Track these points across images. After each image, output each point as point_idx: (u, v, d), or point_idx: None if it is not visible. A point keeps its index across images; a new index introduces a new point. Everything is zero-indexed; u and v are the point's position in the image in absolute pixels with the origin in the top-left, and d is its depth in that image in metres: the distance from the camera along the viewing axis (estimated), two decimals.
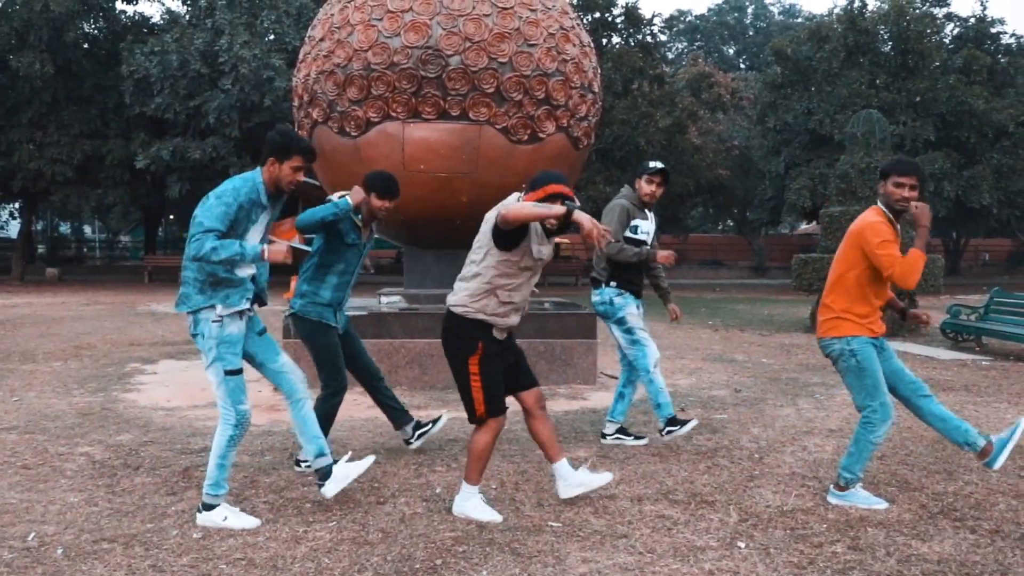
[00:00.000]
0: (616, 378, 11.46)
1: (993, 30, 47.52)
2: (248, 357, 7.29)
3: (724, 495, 7.50)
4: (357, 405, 11.25)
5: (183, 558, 5.94)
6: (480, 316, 6.84)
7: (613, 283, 9.32)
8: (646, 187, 9.16)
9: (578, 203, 6.56)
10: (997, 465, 7.12)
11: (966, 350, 18.23)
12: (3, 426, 10.05)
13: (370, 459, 7.40)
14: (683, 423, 9.06)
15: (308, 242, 8.72)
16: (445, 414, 9.27)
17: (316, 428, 7.34)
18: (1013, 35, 53.62)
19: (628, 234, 9.17)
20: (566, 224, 6.51)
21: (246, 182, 6.97)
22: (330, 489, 7.02)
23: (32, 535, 6.36)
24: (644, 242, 9.26)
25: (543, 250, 6.84)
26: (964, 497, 7.50)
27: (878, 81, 42.78)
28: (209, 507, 6.75)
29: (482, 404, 6.88)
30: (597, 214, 29.41)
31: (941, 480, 8.01)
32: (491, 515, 6.88)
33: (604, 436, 9.56)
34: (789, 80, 44.85)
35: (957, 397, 12.44)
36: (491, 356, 6.90)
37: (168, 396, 11.92)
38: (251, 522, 6.69)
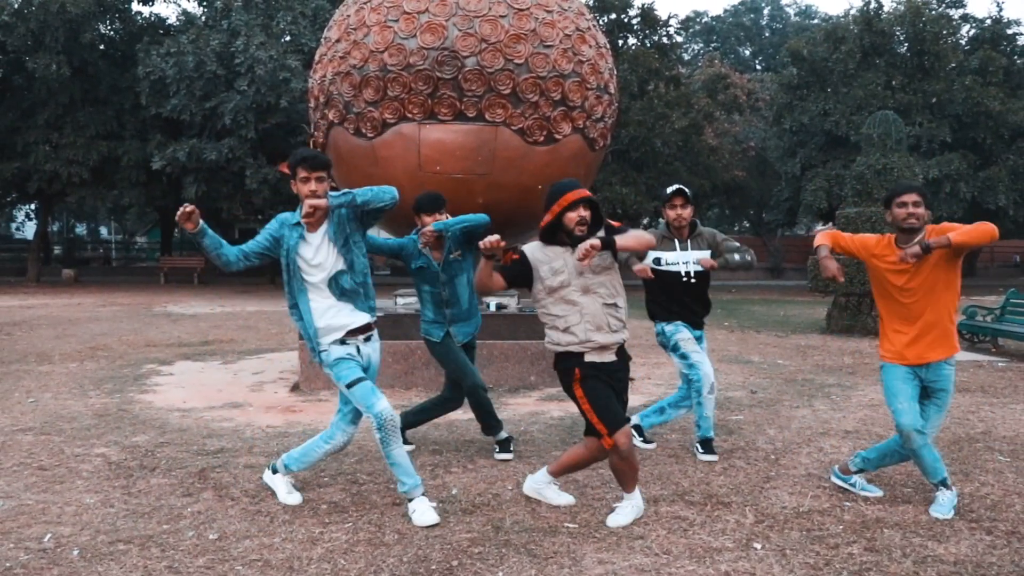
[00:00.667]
0: (632, 379, 11.51)
1: (1009, 31, 47.34)
2: None
3: (740, 496, 7.50)
4: None
5: (199, 559, 5.95)
6: (559, 349, 6.89)
7: (657, 319, 9.25)
8: (670, 213, 9.01)
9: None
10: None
11: (982, 351, 18.18)
12: (19, 427, 10.08)
13: None
14: (712, 451, 8.99)
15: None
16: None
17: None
18: None
19: (653, 265, 9.03)
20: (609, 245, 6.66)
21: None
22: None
23: (48, 536, 6.38)
24: (677, 273, 9.05)
25: (555, 265, 6.81)
26: (980, 498, 7.48)
27: (894, 82, 42.72)
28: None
29: (599, 423, 6.73)
30: (613, 216, 29.26)
31: (957, 481, 7.98)
32: (566, 499, 7.25)
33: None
34: (805, 81, 44.78)
35: (973, 398, 12.41)
36: (589, 377, 6.81)
37: (184, 397, 11.94)
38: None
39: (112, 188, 42.48)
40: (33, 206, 61.65)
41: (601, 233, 6.70)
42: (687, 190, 9.01)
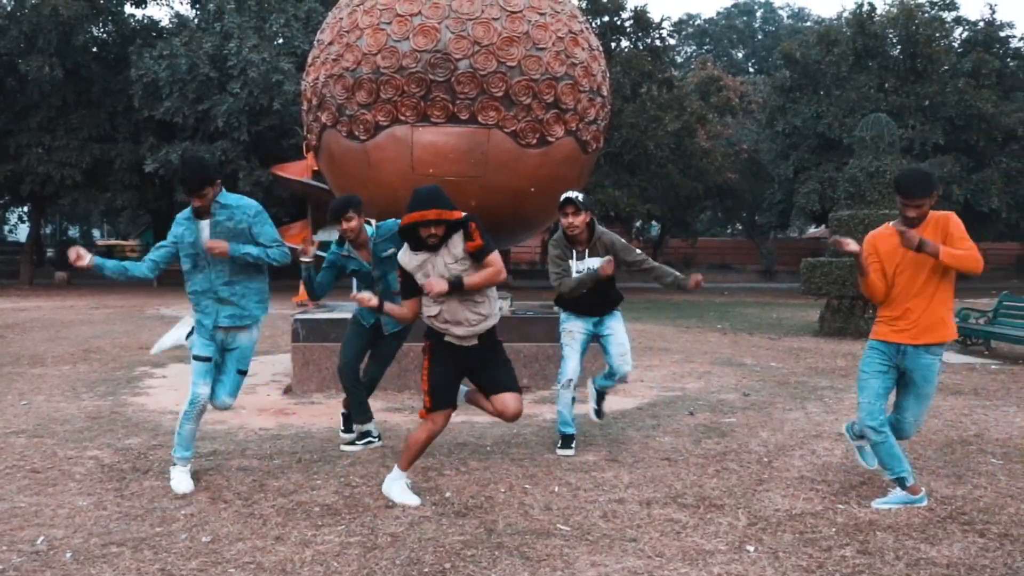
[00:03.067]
0: (624, 381, 11.62)
1: (1002, 34, 47.44)
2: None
3: (733, 499, 7.50)
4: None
5: (192, 562, 5.95)
6: (426, 321, 7.48)
7: (559, 308, 9.72)
8: (563, 221, 9.20)
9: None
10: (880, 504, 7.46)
11: (975, 354, 18.21)
12: (12, 430, 10.07)
13: None
14: (568, 446, 9.29)
15: (324, 247, 9.31)
16: (378, 441, 9.49)
17: None
18: (1022, 39, 53.55)
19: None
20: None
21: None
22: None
23: (41, 539, 6.37)
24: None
25: (425, 273, 7.31)
26: (973, 501, 7.49)
27: (887, 85, 42.82)
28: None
29: (427, 395, 7.43)
30: (605, 219, 29.47)
31: (950, 484, 8.00)
32: (412, 499, 7.40)
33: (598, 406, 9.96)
34: (798, 84, 44.87)
35: (966, 401, 12.43)
36: (438, 353, 7.47)
37: (177, 400, 11.93)
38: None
39: (105, 190, 42.43)
40: (26, 209, 61.62)
41: (455, 267, 7.23)
42: (578, 198, 9.14)
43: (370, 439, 9.41)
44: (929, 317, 7.49)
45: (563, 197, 9.13)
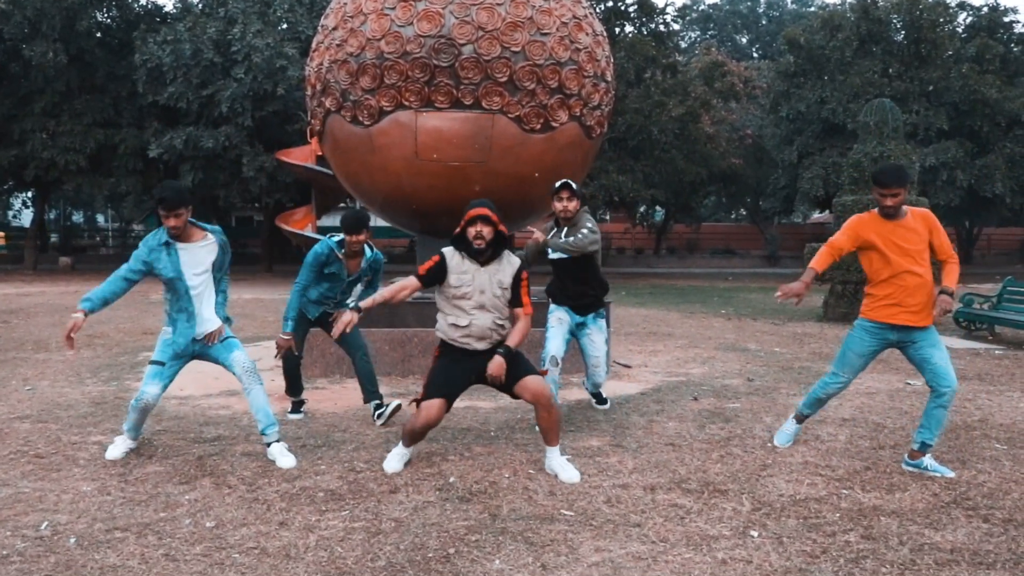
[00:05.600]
0: (629, 367, 11.64)
1: (1006, 19, 47.37)
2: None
3: (737, 484, 7.50)
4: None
5: (196, 547, 5.95)
6: (439, 335, 8.04)
7: (553, 301, 9.96)
8: (557, 205, 9.54)
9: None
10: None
11: (979, 339, 18.20)
12: (16, 415, 10.08)
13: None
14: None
15: (320, 231, 9.86)
16: (401, 402, 9.98)
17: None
18: None
19: (550, 255, 9.66)
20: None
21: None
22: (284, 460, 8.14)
23: (45, 524, 6.38)
24: (565, 259, 9.64)
25: (464, 277, 7.83)
26: (977, 486, 7.49)
27: (891, 70, 42.76)
28: None
29: (424, 386, 7.89)
30: (609, 204, 29.36)
31: (954, 469, 8.00)
32: (393, 466, 7.93)
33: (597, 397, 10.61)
34: (802, 69, 44.76)
35: (970, 386, 12.43)
36: (446, 356, 7.98)
37: (181, 385, 11.91)
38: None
39: (109, 176, 42.37)
40: (30, 194, 61.59)
41: (499, 293, 7.89)
42: (574, 184, 9.55)
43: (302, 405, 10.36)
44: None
45: (561, 182, 9.49)
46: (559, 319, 9.70)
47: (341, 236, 9.69)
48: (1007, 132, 41.96)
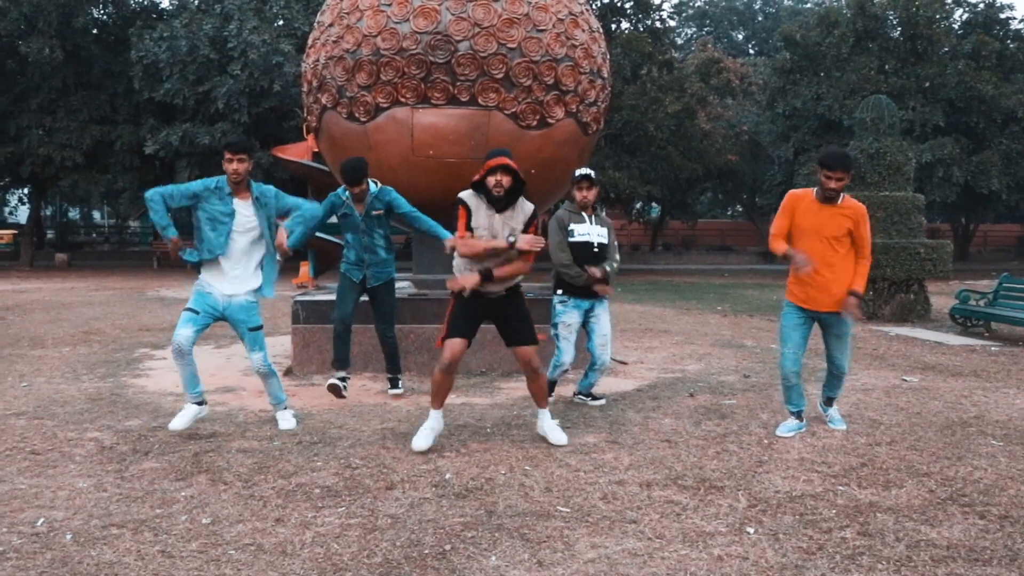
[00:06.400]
0: (625, 363, 11.67)
1: (1002, 15, 47.33)
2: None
3: (733, 480, 7.51)
4: (366, 391, 11.30)
5: (192, 543, 5.95)
6: (456, 273, 8.48)
7: (559, 291, 10.18)
8: (577, 195, 9.95)
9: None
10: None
11: (975, 335, 18.22)
12: (12, 411, 10.08)
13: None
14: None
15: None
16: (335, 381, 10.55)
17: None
18: (1022, 21, 53.36)
19: (569, 239, 9.94)
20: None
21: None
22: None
23: (41, 520, 6.38)
24: (589, 243, 9.94)
25: (480, 220, 8.31)
26: (973, 482, 7.50)
27: (887, 67, 42.79)
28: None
29: (445, 326, 8.43)
30: (606, 200, 29.43)
31: (950, 465, 8.01)
32: (420, 443, 8.31)
33: (574, 394, 10.83)
34: (798, 65, 44.77)
35: (966, 382, 12.44)
36: (463, 299, 8.32)
37: (177, 381, 11.83)
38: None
39: (105, 172, 42.39)
40: (26, 190, 61.65)
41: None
42: (593, 174, 10.01)
43: (344, 382, 10.63)
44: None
45: (581, 172, 9.89)
46: (570, 327, 9.98)
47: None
48: (1003, 128, 42.00)
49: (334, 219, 10.70)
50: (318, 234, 10.87)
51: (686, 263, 56.82)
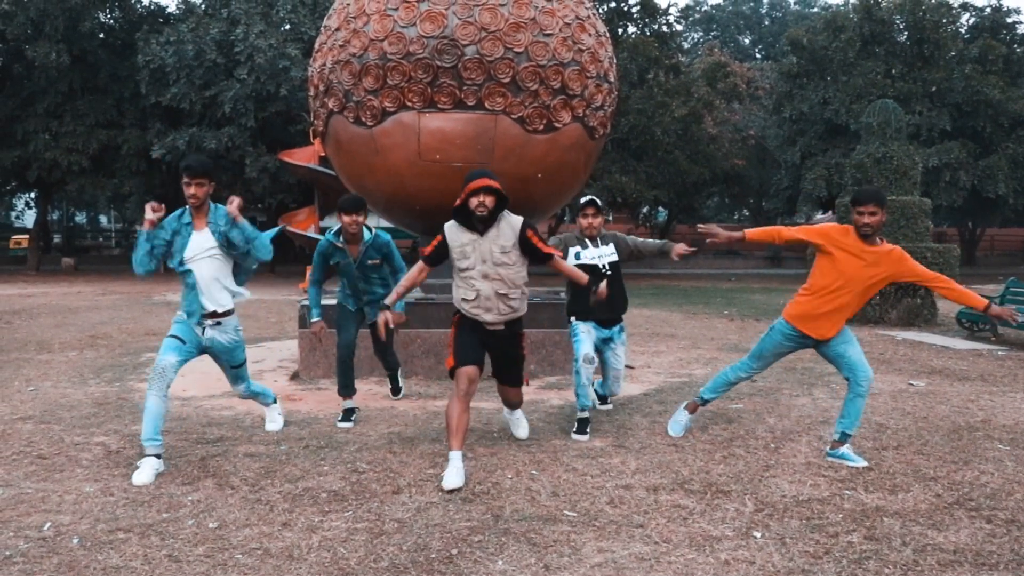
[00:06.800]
0: (632, 368, 11.70)
1: (1009, 20, 47.25)
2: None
3: (740, 485, 7.51)
4: (373, 396, 11.30)
5: (199, 548, 5.96)
6: (456, 305, 8.25)
7: (572, 318, 9.91)
8: (583, 222, 9.78)
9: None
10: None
11: (982, 340, 18.20)
12: (19, 416, 10.09)
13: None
14: (582, 432, 9.38)
15: (321, 231, 10.13)
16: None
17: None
18: None
19: (573, 260, 9.68)
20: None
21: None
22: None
23: (48, 525, 6.38)
24: (594, 266, 9.64)
25: (465, 250, 8.04)
26: (980, 487, 7.50)
27: (894, 71, 42.75)
28: None
29: (451, 353, 8.12)
30: (612, 205, 29.40)
31: (957, 470, 8.01)
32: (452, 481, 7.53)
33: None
34: (805, 70, 44.72)
35: (973, 387, 12.43)
36: (465, 323, 8.16)
37: (184, 386, 11.93)
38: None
39: (112, 177, 42.43)
40: (33, 195, 61.66)
41: (502, 257, 8.04)
42: (599, 201, 9.81)
43: (354, 413, 10.10)
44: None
45: (586, 199, 9.72)
46: (586, 330, 9.70)
47: (338, 226, 10.07)
48: (1010, 133, 41.92)
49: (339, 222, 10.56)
50: (322, 237, 10.71)
51: (693, 267, 56.76)
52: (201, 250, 8.24)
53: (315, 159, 30.26)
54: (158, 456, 7.87)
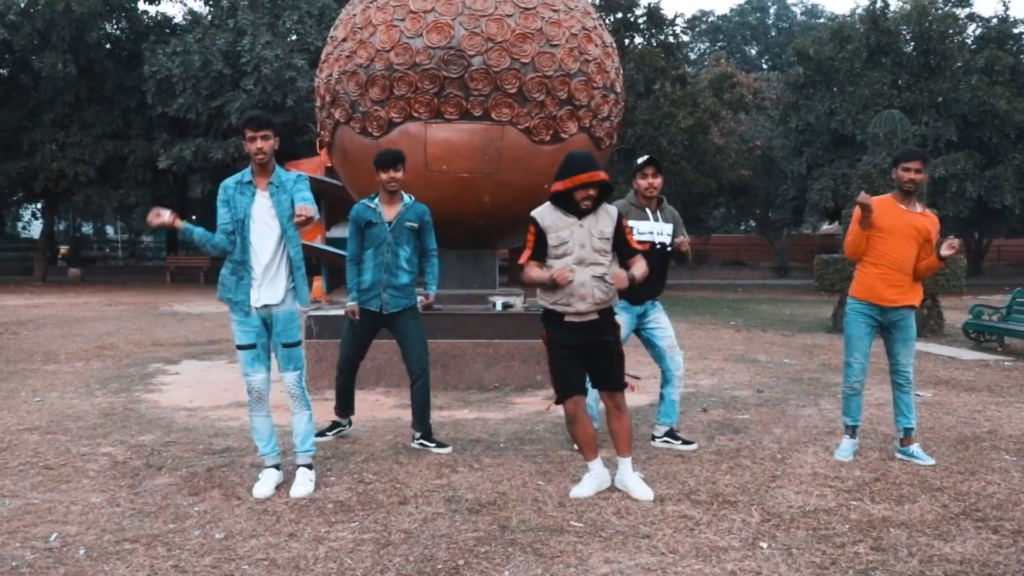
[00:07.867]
0: (638, 378, 11.61)
1: (1016, 30, 47.20)
2: None
3: (746, 495, 7.50)
4: (380, 406, 11.30)
5: (205, 559, 5.96)
6: (545, 305, 7.64)
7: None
8: (641, 183, 9.29)
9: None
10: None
11: (988, 350, 18.17)
12: (26, 426, 10.09)
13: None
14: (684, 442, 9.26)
15: (333, 243, 9.62)
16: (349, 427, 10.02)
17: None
18: None
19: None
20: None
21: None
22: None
23: (54, 535, 6.39)
24: (652, 243, 9.18)
25: (562, 235, 7.50)
26: (986, 497, 7.49)
27: (900, 81, 42.71)
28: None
29: (554, 387, 7.73)
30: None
31: (963, 480, 8.00)
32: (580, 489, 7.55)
33: (653, 438, 9.46)
34: (811, 80, 44.68)
35: (979, 397, 12.41)
36: (556, 343, 7.63)
37: (190, 396, 11.95)
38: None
39: (118, 187, 42.51)
40: (39, 205, 61.76)
41: (599, 244, 7.57)
42: (658, 160, 9.52)
43: (340, 428, 9.88)
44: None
45: (645, 158, 9.34)
46: (624, 324, 9.20)
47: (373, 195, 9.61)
48: (1016, 143, 41.85)
49: (344, 233, 10.29)
50: (330, 249, 10.41)
51: (699, 278, 56.71)
52: (264, 211, 7.91)
53: (321, 170, 30.23)
54: (277, 467, 7.87)
